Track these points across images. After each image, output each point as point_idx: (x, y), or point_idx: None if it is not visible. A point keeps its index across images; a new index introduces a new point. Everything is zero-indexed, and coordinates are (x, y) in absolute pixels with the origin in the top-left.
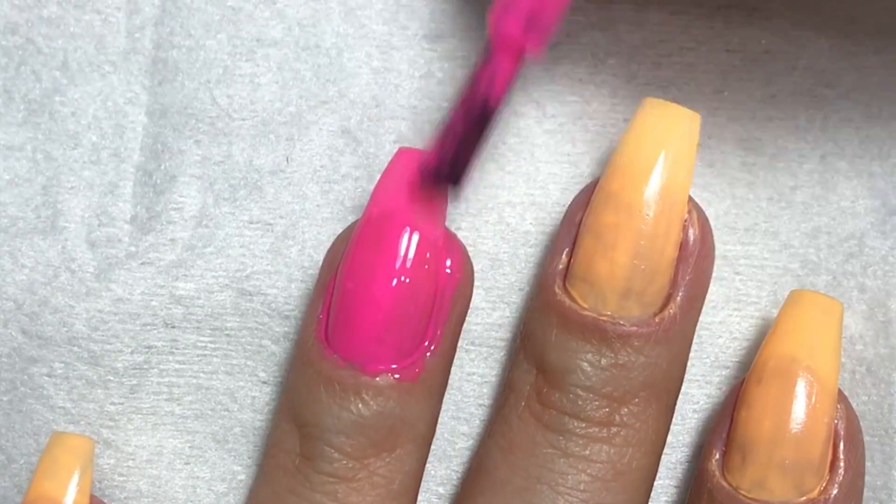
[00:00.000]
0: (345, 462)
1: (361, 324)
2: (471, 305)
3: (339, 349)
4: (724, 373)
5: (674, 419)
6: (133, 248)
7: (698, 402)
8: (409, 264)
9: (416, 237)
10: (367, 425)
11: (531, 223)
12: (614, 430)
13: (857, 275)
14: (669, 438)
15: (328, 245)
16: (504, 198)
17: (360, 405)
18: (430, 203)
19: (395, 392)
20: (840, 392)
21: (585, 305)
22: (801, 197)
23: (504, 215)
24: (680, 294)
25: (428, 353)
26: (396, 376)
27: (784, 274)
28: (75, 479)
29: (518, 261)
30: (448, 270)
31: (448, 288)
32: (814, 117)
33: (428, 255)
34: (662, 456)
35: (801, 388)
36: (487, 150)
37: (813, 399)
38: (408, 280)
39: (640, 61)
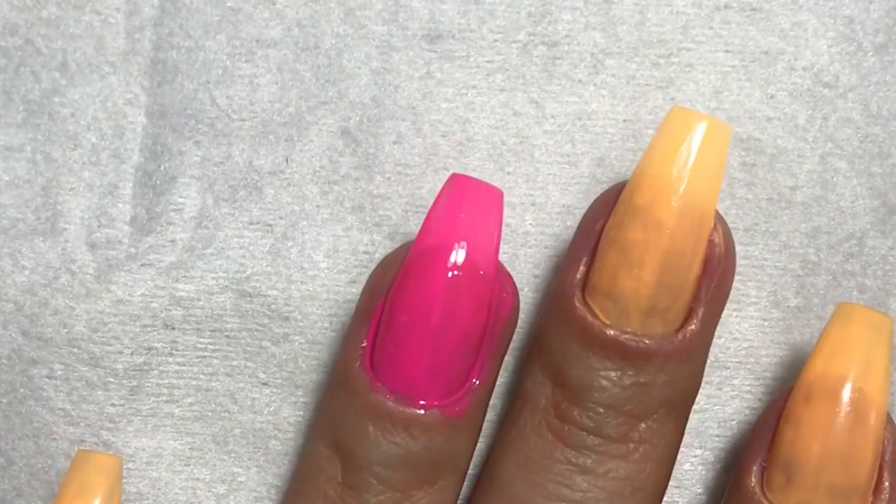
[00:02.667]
0: (389, 494)
1: (414, 359)
2: None
3: (387, 382)
4: (724, 373)
5: None
6: (133, 250)
7: (698, 403)
8: (465, 299)
9: (473, 270)
10: (414, 460)
11: (531, 224)
12: (632, 446)
13: (857, 275)
14: None
15: (328, 245)
16: (504, 198)
17: (408, 440)
18: (484, 233)
19: (443, 427)
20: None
21: (607, 321)
22: (801, 197)
23: (504, 215)
24: (702, 310)
25: (474, 388)
26: (444, 411)
27: (784, 274)
28: (105, 499)
29: (518, 261)
30: (499, 303)
31: (499, 321)
32: (814, 117)
33: (483, 288)
34: None
35: (852, 411)
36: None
37: (864, 422)
38: (463, 315)
39: (640, 61)
